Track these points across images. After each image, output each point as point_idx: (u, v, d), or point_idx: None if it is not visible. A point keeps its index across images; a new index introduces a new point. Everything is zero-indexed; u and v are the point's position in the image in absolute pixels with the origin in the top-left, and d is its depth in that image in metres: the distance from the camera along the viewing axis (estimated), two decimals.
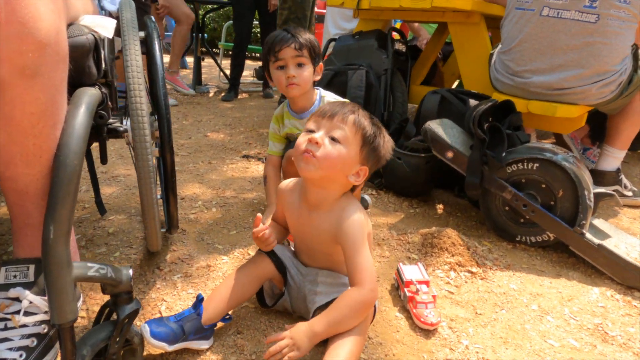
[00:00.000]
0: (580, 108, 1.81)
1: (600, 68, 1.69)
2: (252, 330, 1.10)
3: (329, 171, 0.97)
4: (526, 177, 1.59)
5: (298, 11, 3.43)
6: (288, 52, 1.46)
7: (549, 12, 1.71)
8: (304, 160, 0.96)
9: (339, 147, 0.96)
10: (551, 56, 1.74)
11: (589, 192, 1.49)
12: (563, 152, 1.57)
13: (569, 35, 1.68)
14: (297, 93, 1.51)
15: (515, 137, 1.65)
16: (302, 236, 1.12)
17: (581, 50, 1.67)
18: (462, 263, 1.45)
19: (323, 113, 1.00)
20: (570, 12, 1.66)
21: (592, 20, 1.63)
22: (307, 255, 1.14)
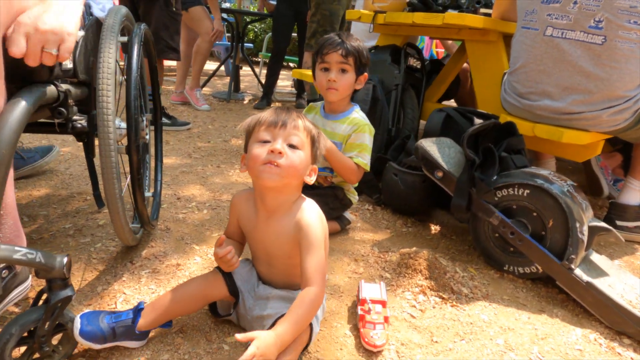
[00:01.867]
0: (592, 135, 1.69)
1: (611, 93, 1.57)
2: (195, 331, 1.12)
3: (293, 178, 1.01)
4: (517, 203, 1.50)
5: (326, 24, 3.48)
6: (334, 57, 1.53)
7: (552, 32, 1.62)
8: (267, 171, 0.98)
9: (299, 153, 1.01)
10: (557, 78, 1.64)
11: (582, 225, 1.38)
12: (559, 179, 1.47)
13: (575, 57, 1.58)
14: (334, 98, 1.59)
15: (510, 160, 1.57)
16: (261, 244, 1.11)
17: (588, 74, 1.57)
18: (435, 287, 1.39)
19: (274, 123, 1.01)
20: (575, 32, 1.56)
21: (598, 42, 1.53)
22: (266, 264, 1.13)
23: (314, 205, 1.08)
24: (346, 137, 1.62)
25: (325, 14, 3.46)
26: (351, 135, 1.61)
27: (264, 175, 0.98)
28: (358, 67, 1.57)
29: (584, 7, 1.54)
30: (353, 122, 1.61)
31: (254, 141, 1.02)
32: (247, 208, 1.12)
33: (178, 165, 2.38)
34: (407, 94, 2.32)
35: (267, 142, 1.00)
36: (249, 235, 1.14)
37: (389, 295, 1.36)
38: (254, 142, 1.02)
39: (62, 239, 1.50)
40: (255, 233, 1.11)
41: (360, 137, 1.61)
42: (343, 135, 1.63)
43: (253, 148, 1.01)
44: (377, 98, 2.17)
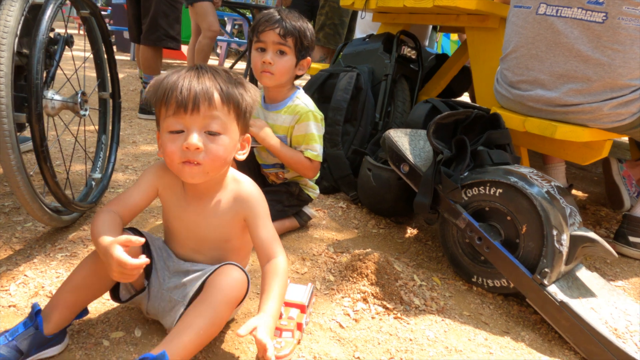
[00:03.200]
0: (592, 132, 1.44)
1: (613, 82, 1.33)
2: (81, 322, 1.00)
3: (219, 169, 0.89)
4: (490, 205, 1.29)
5: (335, 17, 3.33)
6: (271, 36, 1.35)
7: (546, 10, 1.38)
8: (187, 171, 0.85)
9: (222, 140, 0.86)
10: (551, 64, 1.41)
11: (560, 233, 1.15)
12: (541, 179, 1.25)
13: (571, 38, 1.34)
14: (269, 83, 1.40)
15: (486, 155, 1.36)
16: (189, 229, 0.97)
17: (587, 58, 1.33)
18: (380, 295, 1.20)
19: (183, 105, 0.81)
20: (572, 9, 1.33)
21: (598, 20, 1.29)
22: (192, 250, 0.99)
23: (248, 178, 0.99)
24: (290, 129, 1.45)
25: (334, 6, 3.32)
26: (294, 126, 1.44)
27: (184, 175, 0.86)
28: (299, 50, 1.39)
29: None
30: (294, 111, 1.43)
31: (164, 129, 0.85)
32: (173, 185, 0.96)
33: (154, 152, 2.30)
34: (399, 86, 2.13)
35: (180, 132, 0.84)
36: (172, 216, 0.98)
37: (324, 300, 1.18)
38: (165, 130, 0.85)
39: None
40: (184, 216, 0.96)
41: (305, 126, 1.43)
42: (285, 126, 1.45)
43: (165, 140, 0.85)
44: (360, 87, 1.99)
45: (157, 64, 2.99)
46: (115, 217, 0.88)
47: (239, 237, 1.00)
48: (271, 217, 1.44)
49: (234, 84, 0.88)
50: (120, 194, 0.95)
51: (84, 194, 1.50)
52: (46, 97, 1.31)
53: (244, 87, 0.90)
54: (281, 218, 1.50)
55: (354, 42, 2.37)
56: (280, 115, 1.45)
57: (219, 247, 0.98)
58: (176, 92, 0.82)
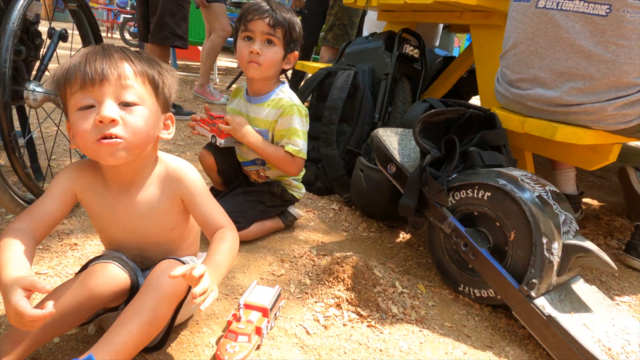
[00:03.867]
0: (596, 134, 1.34)
1: (618, 80, 1.22)
2: None
3: (143, 145, 0.81)
4: (478, 209, 1.21)
5: (344, 17, 3.28)
6: (259, 25, 1.30)
7: (546, 3, 1.29)
8: (105, 150, 0.74)
9: (140, 110, 0.78)
10: (551, 61, 1.31)
11: (551, 241, 1.06)
12: (533, 182, 1.16)
13: (573, 33, 1.25)
14: (255, 74, 1.35)
15: (477, 156, 1.28)
16: (131, 230, 0.89)
17: (589, 54, 1.23)
18: (355, 301, 1.13)
19: (89, 77, 0.73)
20: (574, 2, 1.23)
21: (602, 13, 1.19)
22: (138, 250, 0.92)
23: (175, 157, 0.92)
24: (272, 124, 1.40)
25: (343, 6, 3.26)
26: (277, 120, 1.39)
27: (103, 155, 0.75)
28: (287, 42, 1.34)
29: None
30: (278, 105, 1.38)
31: (72, 109, 0.76)
32: (92, 183, 0.86)
33: None
34: (400, 85, 2.05)
35: (91, 108, 0.74)
36: (103, 221, 0.89)
37: (296, 304, 1.12)
38: (72, 110, 0.76)
39: None
40: (116, 215, 0.87)
41: (288, 120, 1.37)
42: (268, 121, 1.40)
43: (74, 120, 0.75)
44: (357, 86, 1.93)
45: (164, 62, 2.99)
46: (24, 237, 0.75)
47: (184, 222, 0.93)
48: (253, 217, 1.42)
49: (147, 62, 0.81)
50: (31, 205, 0.83)
51: None
52: (27, 89, 1.31)
53: (160, 66, 0.83)
54: (264, 218, 1.45)
55: (357, 41, 2.31)
56: (263, 108, 1.40)
57: (165, 239, 0.92)
58: (79, 68, 0.74)
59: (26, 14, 1.32)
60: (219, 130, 1.37)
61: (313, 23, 4.08)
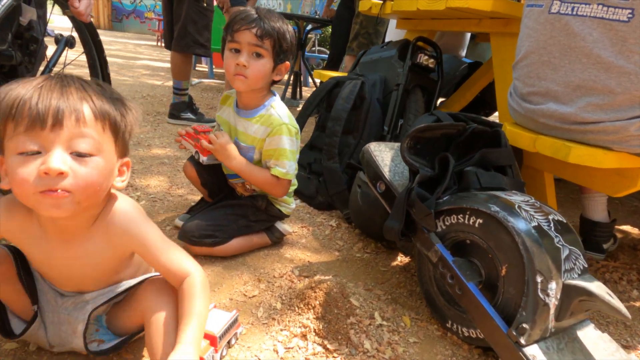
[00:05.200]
0: (618, 157, 1.16)
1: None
2: None
3: (92, 198, 0.71)
4: (470, 237, 1.07)
5: (369, 26, 3.19)
6: (246, 36, 1.23)
7: (560, 8, 1.14)
8: (50, 202, 0.66)
9: (95, 162, 0.69)
10: (565, 73, 1.16)
11: (547, 280, 0.91)
12: (533, 210, 1.01)
13: (590, 41, 1.09)
14: (242, 87, 1.29)
15: (474, 177, 1.14)
16: (67, 276, 0.84)
17: (609, 66, 1.07)
18: (323, 333, 1.03)
19: (38, 120, 0.64)
20: (591, 6, 1.07)
21: (623, 19, 1.03)
22: (79, 286, 0.86)
23: (123, 201, 0.82)
24: (260, 142, 1.32)
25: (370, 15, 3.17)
26: (266, 139, 1.31)
27: (46, 207, 0.66)
28: (277, 53, 1.26)
29: None
30: (267, 122, 1.31)
31: (10, 151, 0.66)
32: (25, 226, 0.77)
33: (163, 156, 2.29)
34: (412, 97, 1.93)
35: (36, 154, 0.65)
36: (36, 262, 0.84)
37: (259, 331, 1.04)
38: (11, 152, 0.65)
39: None
40: (51, 262, 0.81)
41: (276, 140, 1.29)
42: (256, 137, 1.33)
43: (13, 164, 0.65)
44: (363, 97, 1.83)
45: (186, 70, 3.03)
46: None
47: (130, 263, 0.88)
48: (233, 232, 1.35)
49: (109, 99, 0.72)
50: None
51: None
52: None
53: (123, 103, 0.75)
54: (246, 233, 1.37)
55: (372, 50, 2.22)
56: (251, 124, 1.33)
57: (108, 279, 0.86)
58: (29, 103, 0.64)
59: (19, 20, 1.33)
60: (202, 148, 1.32)
61: (343, 30, 4.02)
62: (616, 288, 1.51)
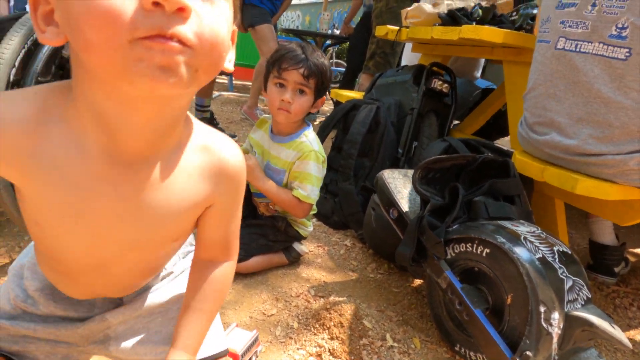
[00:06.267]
0: (623, 189, 1.21)
1: (638, 129, 1.10)
2: None
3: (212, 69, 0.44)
4: (478, 265, 1.13)
5: (386, 46, 3.26)
6: (294, 75, 1.31)
7: (565, 45, 1.20)
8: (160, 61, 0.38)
9: (222, 8, 0.43)
10: (569, 106, 1.21)
11: (550, 310, 0.96)
12: (540, 242, 1.06)
13: (591, 77, 1.15)
14: (284, 120, 1.38)
15: (483, 207, 1.20)
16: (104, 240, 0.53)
17: (607, 101, 1.13)
18: (337, 352, 1.09)
19: None
20: (593, 44, 1.13)
21: (621, 57, 1.08)
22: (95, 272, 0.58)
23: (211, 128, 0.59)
24: (290, 165, 1.41)
25: None
26: (295, 162, 1.40)
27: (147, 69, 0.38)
28: (318, 90, 1.35)
29: (604, 10, 1.11)
30: (298, 148, 1.40)
31: None
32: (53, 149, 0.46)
33: None
34: (426, 121, 1.99)
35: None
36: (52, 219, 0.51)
37: (277, 349, 1.11)
38: None
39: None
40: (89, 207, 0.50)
41: (304, 165, 1.38)
42: (287, 161, 1.42)
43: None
44: (379, 121, 1.90)
45: (208, 88, 3.15)
46: None
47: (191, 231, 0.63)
48: (253, 250, 1.43)
49: None
50: None
51: None
52: None
53: None
54: (265, 252, 1.45)
55: (388, 73, 2.29)
56: (284, 149, 1.43)
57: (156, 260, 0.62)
58: None
59: (62, 52, 1.45)
60: None
61: (361, 49, 4.11)
62: (626, 314, 1.54)
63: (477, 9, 1.90)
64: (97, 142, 0.47)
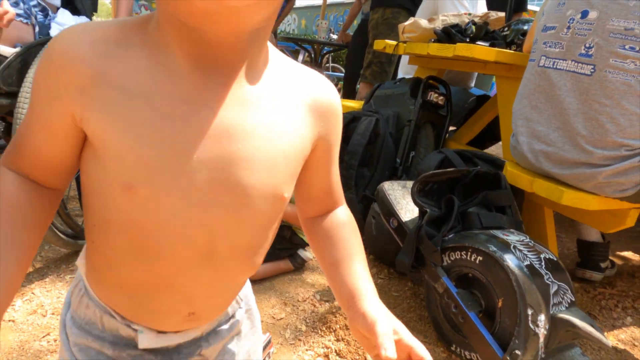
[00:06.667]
0: (605, 200, 1.31)
1: (602, 139, 1.21)
2: None
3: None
4: (472, 271, 1.23)
5: (382, 55, 3.36)
6: None
7: (545, 62, 1.32)
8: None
9: None
10: (548, 117, 1.33)
11: (537, 313, 1.06)
12: (527, 249, 1.17)
13: (564, 90, 1.26)
14: None
15: (476, 217, 1.30)
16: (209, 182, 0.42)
17: (576, 111, 1.24)
18: (343, 353, 1.19)
19: None
20: (567, 62, 1.25)
21: (587, 72, 1.20)
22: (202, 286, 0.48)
23: None
24: None
25: None
26: None
27: None
28: None
29: (576, 32, 1.23)
30: None
31: None
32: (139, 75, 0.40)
33: None
34: (423, 132, 2.10)
35: None
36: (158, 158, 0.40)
37: (287, 350, 1.20)
38: None
39: None
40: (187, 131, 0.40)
41: None
42: None
43: None
44: (378, 133, 2.00)
45: None
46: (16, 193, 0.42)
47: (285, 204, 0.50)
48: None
49: None
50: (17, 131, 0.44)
51: None
52: None
53: None
54: (272, 260, 1.55)
55: (386, 85, 2.39)
56: None
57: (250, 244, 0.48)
58: None
59: None
60: None
61: (357, 55, 4.21)
62: (611, 315, 1.64)
63: (470, 26, 2.01)
64: (186, 59, 0.40)
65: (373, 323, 0.46)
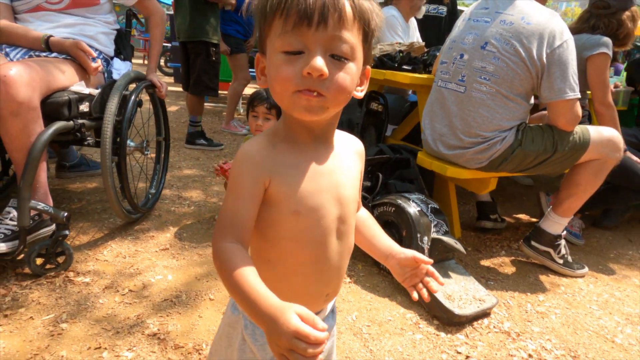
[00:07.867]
0: (471, 172, 2.13)
1: (469, 131, 2.02)
2: None
3: (339, 104, 0.69)
4: (390, 217, 2.02)
5: None
6: (261, 109, 2.12)
7: (440, 83, 2.13)
8: (304, 104, 0.65)
9: (350, 68, 0.67)
10: (442, 119, 2.13)
11: (423, 236, 1.86)
12: (420, 202, 1.96)
13: (450, 102, 2.07)
14: None
15: (393, 186, 2.09)
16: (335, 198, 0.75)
17: (456, 114, 2.05)
18: None
19: (307, 16, 0.63)
20: (452, 83, 2.06)
21: (461, 91, 2.02)
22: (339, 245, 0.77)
23: None
24: None
25: None
26: None
27: (298, 107, 0.66)
28: (277, 116, 2.19)
29: (457, 66, 2.05)
30: None
31: (276, 48, 0.66)
32: (290, 153, 0.73)
33: (194, 175, 3.18)
34: (367, 132, 2.88)
35: (299, 54, 0.64)
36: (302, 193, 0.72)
37: None
38: (277, 50, 0.66)
39: (93, 212, 2.33)
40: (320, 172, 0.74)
41: None
42: None
43: (277, 61, 0.66)
44: None
45: (200, 108, 3.93)
46: (246, 255, 0.66)
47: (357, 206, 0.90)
48: None
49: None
50: (224, 214, 0.70)
51: (144, 202, 2.38)
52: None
53: (371, 3, 0.69)
54: None
55: None
56: None
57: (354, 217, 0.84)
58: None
59: None
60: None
61: None
62: (492, 250, 2.47)
63: (397, 54, 2.80)
64: (308, 138, 0.74)
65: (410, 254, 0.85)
